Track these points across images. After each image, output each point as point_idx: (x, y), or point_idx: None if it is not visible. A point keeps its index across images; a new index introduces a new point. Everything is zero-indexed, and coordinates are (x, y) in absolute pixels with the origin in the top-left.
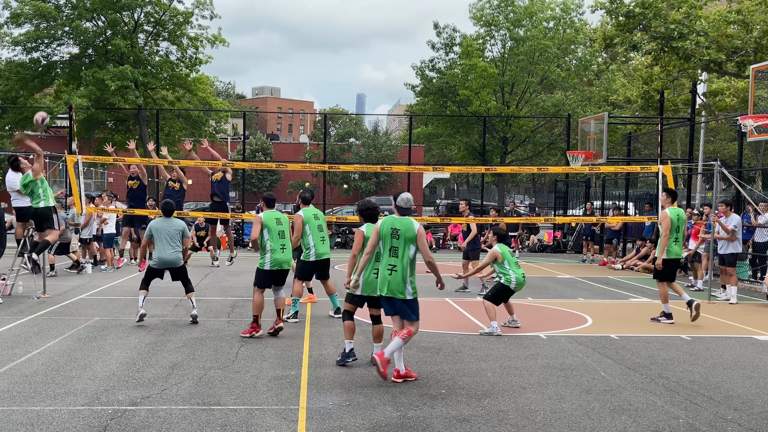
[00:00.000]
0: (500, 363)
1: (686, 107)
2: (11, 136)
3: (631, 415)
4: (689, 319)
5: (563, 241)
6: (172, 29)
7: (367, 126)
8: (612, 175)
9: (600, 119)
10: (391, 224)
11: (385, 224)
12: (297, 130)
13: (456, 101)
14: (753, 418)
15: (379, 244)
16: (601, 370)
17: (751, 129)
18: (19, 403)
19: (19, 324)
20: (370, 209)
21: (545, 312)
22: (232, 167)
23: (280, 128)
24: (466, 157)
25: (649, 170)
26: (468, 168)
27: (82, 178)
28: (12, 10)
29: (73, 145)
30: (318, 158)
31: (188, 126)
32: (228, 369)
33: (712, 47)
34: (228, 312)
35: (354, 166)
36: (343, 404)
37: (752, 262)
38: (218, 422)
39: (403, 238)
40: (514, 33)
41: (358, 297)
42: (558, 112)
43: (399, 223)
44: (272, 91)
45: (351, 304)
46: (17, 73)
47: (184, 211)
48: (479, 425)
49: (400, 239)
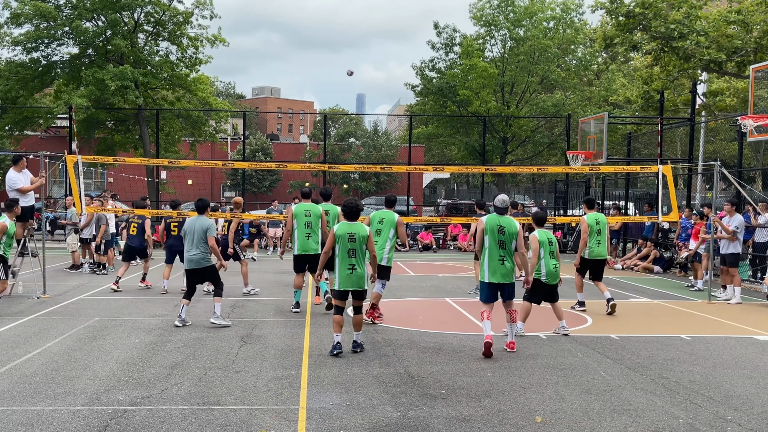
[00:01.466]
0: (500, 363)
1: (686, 107)
2: (11, 136)
3: (631, 415)
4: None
5: (563, 241)
6: (172, 29)
7: (367, 126)
8: (612, 175)
9: (600, 119)
10: (497, 222)
11: (490, 221)
12: (297, 130)
13: (456, 101)
14: (753, 418)
15: (486, 238)
16: (601, 370)
17: (751, 129)
18: (19, 403)
19: (19, 324)
20: (353, 207)
21: (545, 312)
22: (233, 166)
23: (280, 128)
24: (466, 157)
25: (649, 170)
26: (468, 168)
27: (82, 178)
28: (12, 10)
29: (73, 145)
30: (318, 158)
31: (188, 126)
32: (228, 369)
33: (712, 47)
34: (228, 312)
35: (354, 166)
36: (343, 404)
37: (752, 262)
38: (218, 422)
39: (508, 233)
40: (514, 33)
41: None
42: (558, 112)
43: (503, 221)
44: (272, 91)
45: (339, 299)
46: (17, 73)
47: (184, 212)
48: (479, 425)
49: (506, 235)
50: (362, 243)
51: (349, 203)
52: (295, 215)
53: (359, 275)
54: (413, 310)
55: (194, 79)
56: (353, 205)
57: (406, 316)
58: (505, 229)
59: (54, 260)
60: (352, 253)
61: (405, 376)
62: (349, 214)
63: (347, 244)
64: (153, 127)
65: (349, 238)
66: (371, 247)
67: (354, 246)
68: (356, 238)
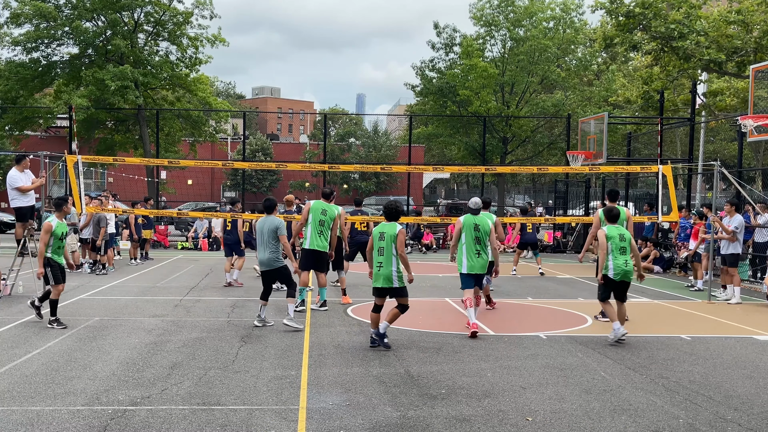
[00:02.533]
0: (500, 363)
1: (686, 107)
2: (11, 136)
3: (631, 415)
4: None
5: (563, 241)
6: (172, 29)
7: (367, 126)
8: (612, 175)
9: (600, 119)
10: (472, 221)
11: (467, 220)
12: (297, 130)
13: (456, 101)
14: (753, 418)
15: (464, 235)
16: (601, 370)
17: (751, 129)
18: (19, 403)
19: (19, 324)
20: (393, 209)
21: (545, 312)
22: (233, 166)
23: (280, 128)
24: (466, 157)
25: (649, 170)
26: (468, 168)
27: (82, 178)
28: (12, 10)
29: (73, 145)
30: (318, 158)
31: (188, 126)
32: (228, 369)
33: (712, 47)
34: (228, 312)
35: (354, 166)
36: (343, 404)
37: (752, 262)
38: (218, 422)
39: (483, 230)
40: (514, 33)
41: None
42: (558, 112)
43: (478, 219)
44: (272, 91)
45: (376, 297)
46: (17, 73)
47: (184, 211)
48: (479, 425)
49: (481, 232)
50: (390, 242)
51: (389, 205)
52: (311, 210)
53: (386, 273)
54: (413, 310)
55: (194, 79)
56: (393, 206)
57: (406, 316)
58: (480, 227)
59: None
60: (381, 251)
61: (405, 376)
62: (389, 215)
63: (378, 242)
64: (153, 127)
65: (379, 236)
66: (400, 248)
67: (382, 244)
68: (385, 237)
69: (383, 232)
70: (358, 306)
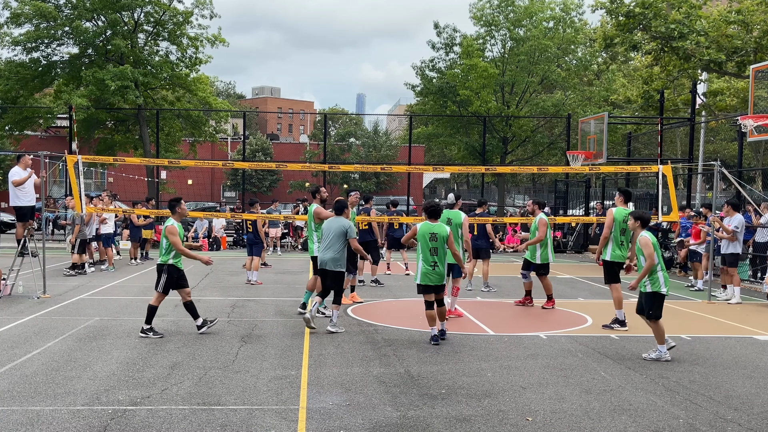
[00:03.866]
0: (500, 363)
1: (686, 107)
2: (11, 136)
3: (631, 415)
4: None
5: (563, 241)
6: (171, 29)
7: (367, 126)
8: (612, 175)
9: (600, 119)
10: (429, 229)
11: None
12: (297, 130)
13: (456, 101)
14: (753, 418)
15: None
16: (601, 370)
17: (751, 129)
18: (19, 403)
19: (19, 324)
20: (434, 207)
21: (545, 312)
22: (233, 166)
23: (280, 128)
24: (466, 157)
25: (649, 170)
26: (468, 168)
27: (82, 178)
28: (12, 10)
29: (73, 145)
30: (318, 158)
31: (188, 126)
32: (228, 369)
33: (712, 47)
34: (228, 312)
35: (354, 166)
36: (343, 404)
37: (752, 262)
38: (218, 422)
39: (440, 238)
40: (514, 33)
41: (425, 287)
42: (558, 112)
43: (435, 228)
44: (272, 91)
45: (425, 294)
46: (17, 73)
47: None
48: (479, 425)
49: (438, 241)
50: (443, 242)
51: (430, 204)
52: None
53: (440, 273)
54: (413, 310)
55: (194, 79)
56: (434, 205)
57: (406, 316)
58: (437, 235)
59: (54, 260)
60: (434, 251)
61: (405, 376)
62: (431, 214)
63: (428, 242)
64: (153, 127)
65: (431, 237)
66: (452, 246)
67: (436, 245)
68: (437, 238)
69: (434, 232)
70: (359, 306)
